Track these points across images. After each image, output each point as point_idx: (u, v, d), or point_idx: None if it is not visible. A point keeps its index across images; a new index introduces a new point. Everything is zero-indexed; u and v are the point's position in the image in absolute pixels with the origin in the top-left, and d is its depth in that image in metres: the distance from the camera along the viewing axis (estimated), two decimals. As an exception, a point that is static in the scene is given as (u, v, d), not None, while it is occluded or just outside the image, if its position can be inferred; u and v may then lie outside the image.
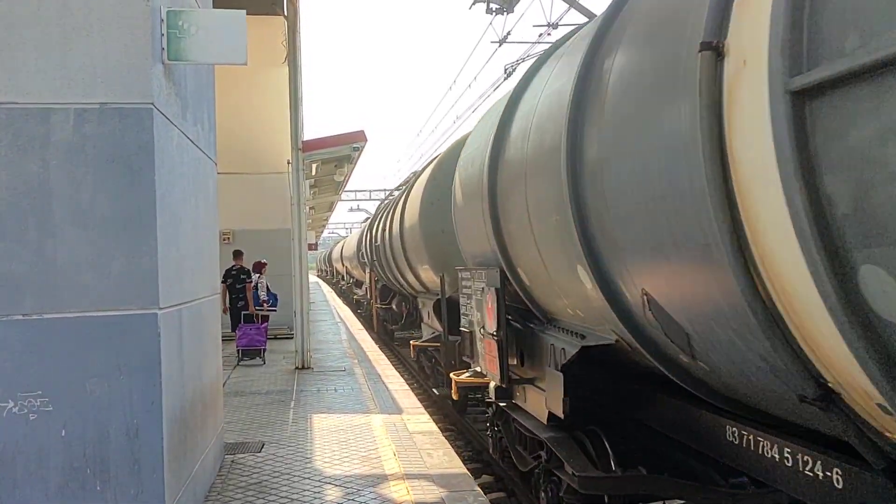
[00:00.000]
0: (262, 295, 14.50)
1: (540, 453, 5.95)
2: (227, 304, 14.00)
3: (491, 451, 8.11)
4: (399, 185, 23.47)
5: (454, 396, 8.71)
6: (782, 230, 2.46)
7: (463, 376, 8.16)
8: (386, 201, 22.80)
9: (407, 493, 5.94)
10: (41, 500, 4.37)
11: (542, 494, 6.02)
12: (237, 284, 14.24)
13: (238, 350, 13.56)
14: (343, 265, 41.47)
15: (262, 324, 13.93)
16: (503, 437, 7.32)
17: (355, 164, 19.07)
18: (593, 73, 4.37)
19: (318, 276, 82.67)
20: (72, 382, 4.41)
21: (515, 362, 6.39)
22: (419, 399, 10.92)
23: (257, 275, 14.56)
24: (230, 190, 14.69)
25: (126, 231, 4.51)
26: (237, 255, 14.52)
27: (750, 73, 2.63)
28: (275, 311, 15.15)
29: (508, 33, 16.85)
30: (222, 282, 13.84)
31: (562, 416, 5.03)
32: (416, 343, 13.50)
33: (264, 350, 13.73)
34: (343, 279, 44.26)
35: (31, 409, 4.35)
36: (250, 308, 13.97)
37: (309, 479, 6.41)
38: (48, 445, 4.38)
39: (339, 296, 44.57)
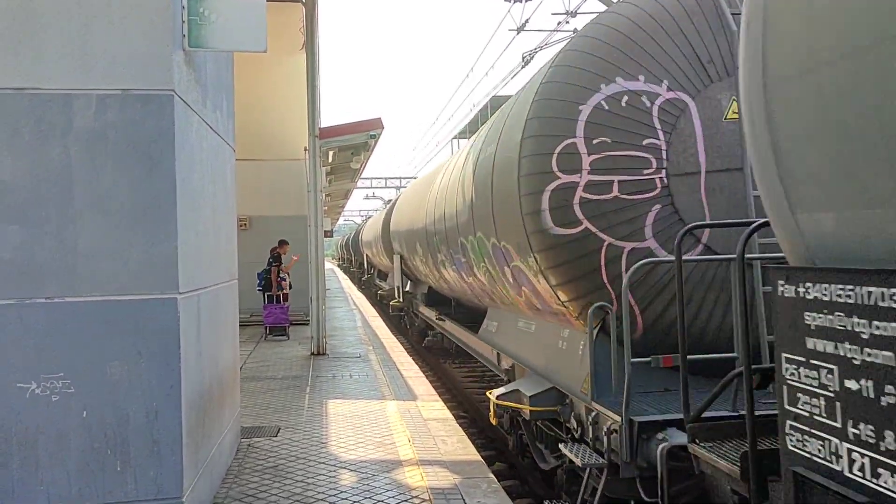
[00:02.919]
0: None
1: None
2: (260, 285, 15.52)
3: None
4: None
5: (493, 420, 7.56)
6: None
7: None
8: None
9: (421, 479, 5.99)
10: (63, 480, 4.45)
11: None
12: (267, 267, 15.54)
13: (266, 327, 15.23)
14: (381, 250, 22.66)
15: (284, 304, 15.40)
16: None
17: (372, 151, 19.09)
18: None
19: (337, 264, 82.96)
20: (93, 365, 4.48)
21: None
22: (433, 386, 10.96)
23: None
24: (247, 176, 14.77)
25: (146, 216, 4.56)
26: (281, 243, 15.55)
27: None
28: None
29: (527, 21, 16.77)
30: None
31: None
32: None
33: (287, 327, 15.32)
34: (378, 279, 26.70)
35: (53, 391, 4.43)
36: (273, 289, 15.30)
37: (324, 463, 6.47)
38: (69, 427, 4.45)
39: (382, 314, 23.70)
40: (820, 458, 2.44)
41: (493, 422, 7.53)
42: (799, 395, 2.56)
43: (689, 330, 5.35)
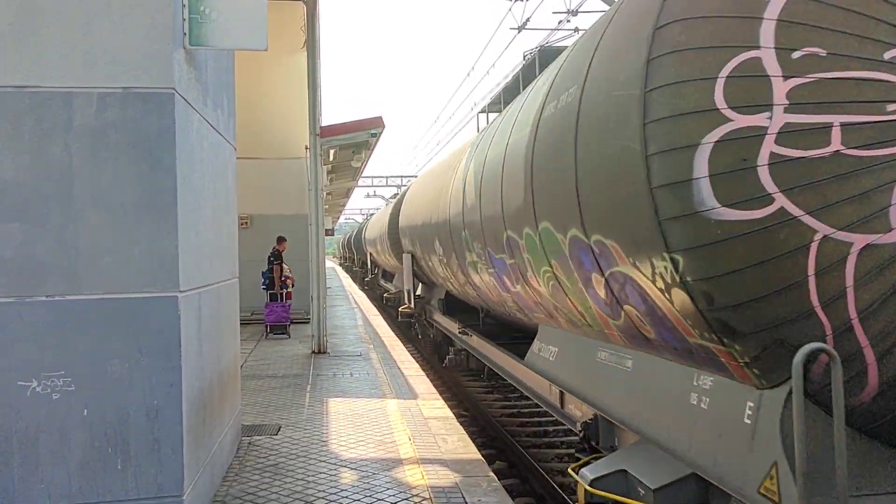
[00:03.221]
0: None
1: None
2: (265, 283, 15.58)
3: None
4: None
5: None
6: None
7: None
8: None
9: (422, 478, 5.99)
10: (63, 478, 4.45)
11: None
12: (268, 265, 15.58)
13: (266, 325, 15.21)
14: (387, 249, 20.15)
15: (286, 302, 15.37)
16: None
17: (373, 150, 19.10)
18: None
19: (338, 263, 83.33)
20: (94, 363, 4.48)
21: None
22: (434, 384, 10.97)
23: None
24: (248, 175, 14.75)
25: (147, 215, 4.56)
26: (279, 240, 15.53)
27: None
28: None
29: (528, 20, 16.76)
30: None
31: None
32: None
33: (288, 325, 15.24)
34: (383, 280, 24.30)
35: (53, 389, 4.43)
36: (276, 287, 15.28)
37: (325, 461, 6.48)
38: (70, 425, 4.45)
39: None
40: None
41: None
42: None
43: None
